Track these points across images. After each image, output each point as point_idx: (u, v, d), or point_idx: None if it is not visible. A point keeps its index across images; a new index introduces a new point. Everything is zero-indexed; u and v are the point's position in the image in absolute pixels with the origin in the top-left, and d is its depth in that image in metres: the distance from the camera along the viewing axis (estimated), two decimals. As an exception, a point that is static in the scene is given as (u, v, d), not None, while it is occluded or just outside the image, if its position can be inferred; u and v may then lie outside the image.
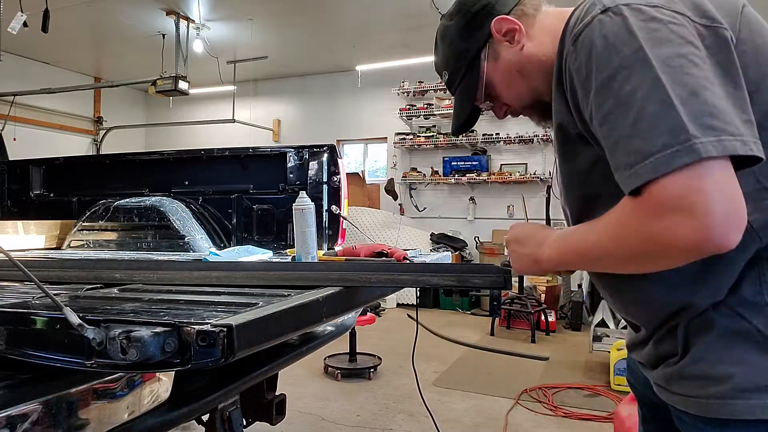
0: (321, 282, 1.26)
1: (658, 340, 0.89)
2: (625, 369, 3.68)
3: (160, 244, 2.75)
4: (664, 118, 0.67)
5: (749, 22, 0.79)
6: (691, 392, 0.82)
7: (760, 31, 0.80)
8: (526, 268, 0.96)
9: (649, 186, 0.67)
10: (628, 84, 0.71)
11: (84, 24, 7.10)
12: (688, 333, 0.83)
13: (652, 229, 0.68)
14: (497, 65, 1.00)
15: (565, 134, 0.89)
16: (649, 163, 0.67)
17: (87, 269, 1.56)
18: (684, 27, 0.73)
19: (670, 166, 0.66)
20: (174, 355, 0.79)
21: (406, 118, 8.32)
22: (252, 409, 2.09)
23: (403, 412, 3.39)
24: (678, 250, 0.68)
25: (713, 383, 0.79)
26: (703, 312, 0.81)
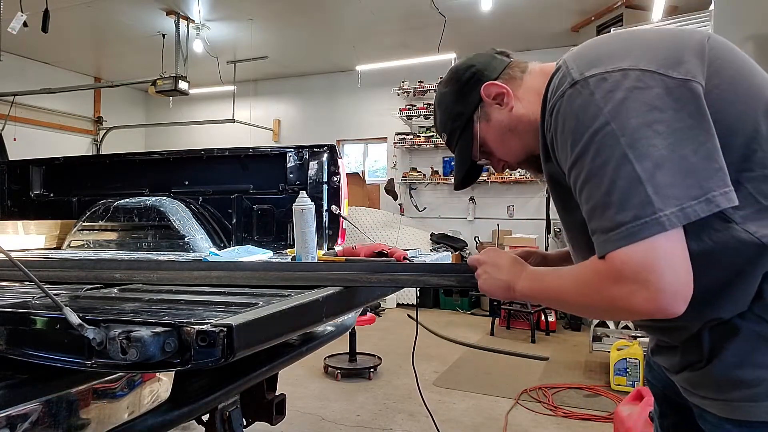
0: (321, 282, 1.25)
1: (683, 347, 0.91)
2: (624, 369, 3.70)
3: (160, 244, 2.75)
4: (633, 193, 0.75)
5: (716, 58, 0.83)
6: (719, 395, 0.84)
7: (728, 67, 0.83)
8: (497, 291, 1.03)
9: (613, 254, 0.76)
10: (599, 158, 0.78)
11: (84, 24, 7.10)
12: (713, 339, 0.84)
13: (612, 293, 0.78)
14: (489, 126, 1.08)
15: (561, 187, 0.94)
16: (621, 232, 0.76)
17: (87, 269, 1.56)
18: (649, 90, 0.78)
19: (638, 237, 0.74)
20: (174, 355, 0.79)
21: (406, 118, 8.32)
22: (252, 409, 2.09)
23: (403, 412, 3.39)
24: (631, 313, 0.78)
25: (743, 387, 0.81)
26: (728, 320, 0.83)
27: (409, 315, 6.43)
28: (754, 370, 0.80)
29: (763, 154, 0.79)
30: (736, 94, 0.81)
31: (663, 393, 1.10)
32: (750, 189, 0.79)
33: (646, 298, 0.75)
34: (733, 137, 0.79)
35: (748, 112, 0.81)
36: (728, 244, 0.79)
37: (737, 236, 0.79)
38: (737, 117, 0.80)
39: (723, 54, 0.84)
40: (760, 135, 0.80)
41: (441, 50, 7.09)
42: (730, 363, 0.82)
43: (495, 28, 7.01)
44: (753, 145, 0.80)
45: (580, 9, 6.34)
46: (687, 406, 0.93)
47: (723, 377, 0.83)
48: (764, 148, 0.80)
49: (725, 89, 0.81)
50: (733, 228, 0.79)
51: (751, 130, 0.80)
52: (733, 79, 0.82)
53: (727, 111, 0.80)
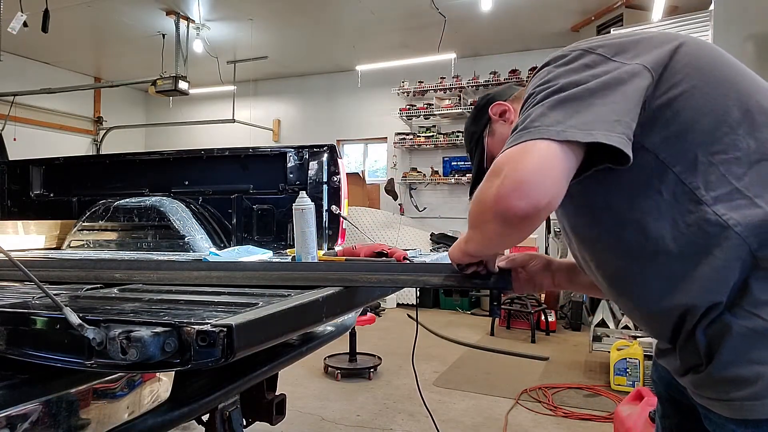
0: (321, 282, 1.25)
1: (681, 350, 0.91)
2: (624, 369, 3.70)
3: (160, 244, 2.75)
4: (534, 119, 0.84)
5: (686, 54, 0.90)
6: (722, 396, 0.84)
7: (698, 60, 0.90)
8: (455, 252, 1.10)
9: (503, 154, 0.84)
10: (534, 99, 0.89)
11: (84, 24, 7.10)
12: (708, 339, 0.85)
13: (481, 191, 0.86)
14: (495, 140, 1.22)
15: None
16: (509, 141, 0.85)
17: (87, 269, 1.56)
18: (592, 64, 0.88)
19: (516, 142, 0.83)
20: (174, 355, 0.79)
21: (406, 118, 8.32)
22: (252, 409, 2.09)
23: (403, 412, 3.39)
24: (487, 207, 0.84)
25: (743, 385, 0.80)
26: (719, 317, 0.83)
27: (409, 315, 6.43)
28: (751, 367, 0.80)
29: (735, 137, 0.84)
30: (704, 81, 0.87)
31: (667, 393, 1.11)
32: (722, 170, 0.83)
33: (497, 186, 0.81)
34: (700, 117, 0.86)
35: (717, 97, 0.86)
36: (699, 227, 0.83)
37: (707, 218, 0.83)
38: (705, 100, 0.86)
39: (695, 50, 0.91)
40: (732, 118, 0.85)
41: (441, 50, 7.09)
42: (727, 362, 0.82)
43: (495, 28, 7.01)
44: (723, 127, 0.85)
45: (580, 9, 6.35)
46: (691, 407, 0.93)
47: (722, 377, 0.83)
48: (737, 132, 0.84)
49: (693, 76, 0.88)
50: (703, 210, 0.83)
51: (721, 113, 0.85)
52: (701, 69, 0.89)
53: (694, 94, 0.87)
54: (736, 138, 0.84)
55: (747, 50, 3.81)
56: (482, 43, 7.68)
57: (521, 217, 0.80)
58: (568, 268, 1.24)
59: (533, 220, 0.82)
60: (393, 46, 7.64)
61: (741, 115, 0.85)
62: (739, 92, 0.87)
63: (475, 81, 7.80)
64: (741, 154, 0.84)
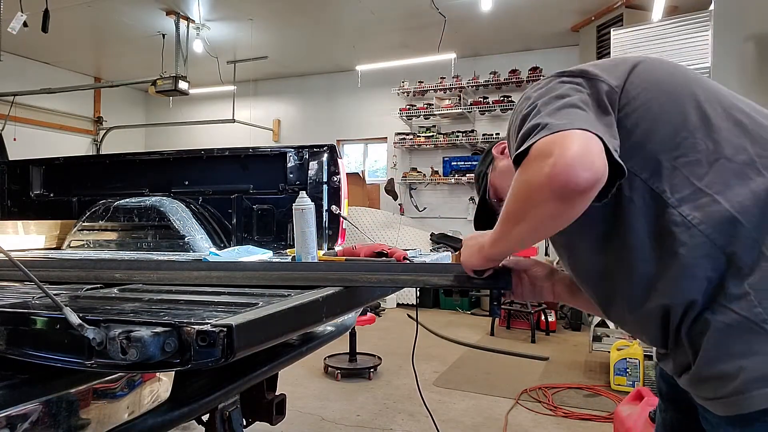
0: (321, 282, 1.25)
1: (673, 352, 0.94)
2: (624, 369, 3.70)
3: (160, 244, 2.75)
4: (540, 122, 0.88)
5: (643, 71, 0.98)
6: (712, 394, 0.85)
7: (653, 74, 0.98)
8: (472, 255, 1.11)
9: (531, 148, 0.85)
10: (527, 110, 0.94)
11: (84, 24, 7.10)
12: (691, 338, 0.87)
13: (529, 178, 0.85)
14: (497, 173, 1.31)
15: None
16: (535, 133, 0.86)
17: (87, 269, 1.56)
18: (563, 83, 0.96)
19: (543, 134, 0.84)
20: (174, 355, 0.79)
21: (406, 118, 8.32)
22: (252, 409, 2.09)
23: (403, 412, 3.39)
24: (543, 186, 0.82)
25: (728, 380, 0.82)
26: (699, 315, 0.86)
27: (409, 315, 6.43)
28: (733, 361, 0.81)
29: (694, 140, 0.89)
30: (660, 92, 0.94)
31: (668, 391, 1.13)
32: (685, 173, 0.88)
33: (552, 164, 0.81)
34: (659, 126, 0.92)
35: (675, 105, 0.93)
36: (667, 229, 0.87)
37: (674, 219, 0.87)
38: (662, 109, 0.93)
39: (650, 67, 0.99)
40: (690, 123, 0.91)
41: (441, 50, 7.09)
42: (710, 359, 0.84)
43: (495, 28, 7.01)
44: (683, 132, 0.90)
45: (580, 9, 6.34)
46: (691, 406, 0.95)
47: (709, 374, 0.84)
48: (695, 136, 0.90)
49: (650, 89, 0.95)
50: (670, 212, 0.87)
51: (680, 120, 0.91)
52: (657, 81, 0.96)
53: (652, 104, 0.93)
54: (695, 141, 0.89)
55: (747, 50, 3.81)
56: (482, 43, 7.68)
57: (584, 189, 0.80)
58: (571, 281, 1.24)
59: (593, 192, 0.82)
60: (393, 46, 7.64)
61: (699, 120, 0.91)
62: (697, 99, 0.93)
63: (475, 81, 7.80)
64: (701, 156, 0.88)
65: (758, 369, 0.79)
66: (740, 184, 0.85)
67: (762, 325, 0.80)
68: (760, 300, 0.81)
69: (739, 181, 0.85)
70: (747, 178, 0.85)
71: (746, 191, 0.84)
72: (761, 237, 0.83)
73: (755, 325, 0.80)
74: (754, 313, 0.80)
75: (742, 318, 0.81)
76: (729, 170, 0.86)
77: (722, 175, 0.86)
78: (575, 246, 1.05)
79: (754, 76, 3.81)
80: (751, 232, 0.83)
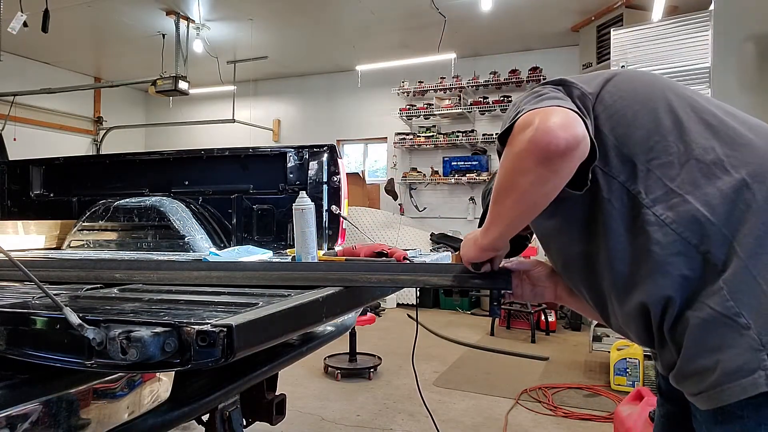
0: (321, 282, 1.25)
1: (659, 352, 0.95)
2: (624, 369, 3.70)
3: (160, 244, 2.75)
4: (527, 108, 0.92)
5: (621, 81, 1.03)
6: (695, 389, 0.87)
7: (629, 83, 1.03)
8: (469, 248, 1.13)
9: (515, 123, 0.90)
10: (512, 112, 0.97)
11: (84, 24, 7.10)
12: (674, 337, 0.89)
13: (514, 148, 0.90)
14: None
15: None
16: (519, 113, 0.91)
17: (87, 269, 1.56)
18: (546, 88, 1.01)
19: (524, 111, 0.90)
20: (174, 355, 0.79)
21: (406, 118, 8.32)
22: (252, 409, 2.09)
23: (403, 412, 3.39)
24: (526, 152, 0.87)
25: (707, 374, 0.84)
26: (681, 313, 0.88)
27: (409, 315, 6.43)
28: (711, 355, 0.83)
29: (666, 143, 0.93)
30: (634, 100, 0.99)
31: (666, 387, 1.14)
32: (659, 174, 0.92)
33: (532, 130, 0.86)
34: (633, 131, 0.96)
35: (647, 111, 0.97)
36: (643, 228, 0.91)
37: (648, 219, 0.90)
38: (635, 115, 0.97)
39: (626, 77, 1.05)
40: (663, 127, 0.95)
41: (441, 50, 7.09)
42: (690, 355, 0.86)
43: (495, 28, 7.01)
44: (655, 136, 0.94)
45: (580, 9, 6.34)
46: (686, 404, 0.96)
47: (690, 370, 0.86)
48: (668, 139, 0.93)
49: (625, 97, 1.00)
50: (644, 212, 0.91)
51: (653, 125, 0.95)
52: (632, 90, 1.01)
53: (627, 111, 0.98)
54: (667, 144, 0.93)
55: (747, 50, 3.81)
56: (482, 43, 7.68)
57: (564, 150, 0.84)
58: None
59: (574, 155, 0.86)
60: (393, 46, 7.64)
61: (671, 123, 0.95)
62: (670, 104, 0.97)
63: (475, 81, 7.80)
64: (673, 158, 0.92)
65: (733, 362, 0.81)
66: (709, 184, 0.88)
67: (735, 318, 0.82)
68: (732, 294, 0.82)
69: (707, 181, 0.88)
70: (715, 177, 0.88)
71: (714, 190, 0.87)
72: (731, 233, 0.85)
73: (728, 319, 0.82)
74: (726, 307, 0.82)
75: (716, 313, 0.83)
76: (698, 170, 0.90)
77: (692, 175, 0.90)
78: (561, 249, 1.09)
79: (754, 76, 3.81)
80: (721, 228, 0.85)
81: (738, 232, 0.85)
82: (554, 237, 1.09)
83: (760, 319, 0.81)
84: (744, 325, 0.81)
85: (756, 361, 0.79)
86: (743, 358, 0.80)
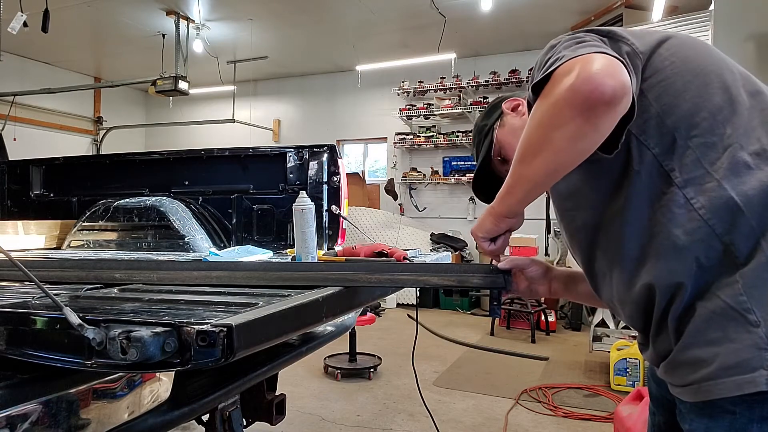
0: (321, 282, 1.25)
1: (654, 340, 0.93)
2: (624, 369, 3.70)
3: (160, 244, 2.75)
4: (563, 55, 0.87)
5: (673, 45, 0.94)
6: (683, 380, 0.85)
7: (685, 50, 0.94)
8: (481, 222, 1.07)
9: (554, 72, 0.85)
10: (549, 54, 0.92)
11: (84, 24, 7.10)
12: (678, 325, 0.87)
13: (549, 98, 0.84)
14: (505, 130, 1.28)
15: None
16: (557, 60, 0.86)
17: (87, 269, 1.56)
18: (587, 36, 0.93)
19: (565, 58, 0.84)
20: (174, 355, 0.79)
21: (406, 118, 8.32)
22: (252, 409, 2.09)
23: (403, 412, 3.39)
24: (565, 101, 0.81)
25: (702, 366, 0.82)
26: (691, 303, 0.85)
27: (409, 315, 6.43)
28: (709, 348, 0.81)
29: (713, 122, 0.87)
30: (687, 69, 0.91)
31: (656, 390, 1.13)
32: (698, 154, 0.86)
33: (574, 76, 0.81)
34: (681, 102, 0.89)
35: (699, 85, 0.90)
36: (668, 208, 0.86)
37: (676, 200, 0.86)
38: (686, 84, 0.90)
39: (681, 42, 0.96)
40: (712, 105, 0.88)
41: (441, 50, 7.09)
42: (688, 344, 0.84)
43: (495, 28, 7.01)
44: (703, 113, 0.87)
45: (580, 9, 6.34)
46: (673, 402, 0.95)
47: (684, 359, 0.85)
48: (716, 118, 0.87)
49: (677, 64, 0.92)
50: (673, 191, 0.86)
51: (702, 99, 0.88)
52: (686, 58, 0.92)
53: (677, 79, 0.91)
54: (714, 123, 0.87)
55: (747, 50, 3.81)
56: (482, 43, 7.68)
57: (609, 99, 0.79)
58: (566, 276, 1.27)
59: (618, 106, 0.80)
60: (393, 46, 7.64)
61: (722, 102, 0.88)
62: (723, 82, 0.90)
63: (475, 81, 7.80)
64: (717, 139, 0.86)
65: (733, 357, 0.79)
66: (749, 173, 0.83)
67: (744, 314, 0.80)
68: (747, 289, 0.80)
69: (748, 170, 0.84)
70: (757, 169, 0.84)
71: (754, 181, 0.83)
72: (760, 228, 0.82)
73: (737, 313, 0.80)
74: (738, 302, 0.80)
75: (726, 305, 0.81)
76: (740, 158, 0.84)
77: (733, 162, 0.84)
78: (575, 216, 1.03)
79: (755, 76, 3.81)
80: (751, 222, 0.82)
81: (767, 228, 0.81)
82: (571, 199, 1.03)
83: None
84: (753, 322, 0.79)
85: (759, 360, 0.78)
86: (745, 354, 0.79)
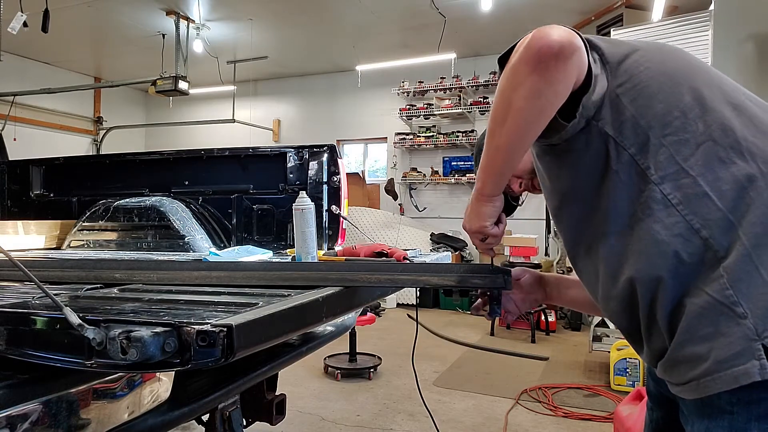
0: (321, 282, 1.25)
1: (647, 340, 0.94)
2: (624, 369, 3.70)
3: (160, 244, 2.75)
4: None
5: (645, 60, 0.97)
6: (683, 377, 0.86)
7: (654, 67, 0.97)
8: (469, 213, 1.08)
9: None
10: None
11: (84, 24, 7.10)
12: (670, 323, 0.88)
13: (509, 65, 0.90)
14: None
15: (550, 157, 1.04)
16: None
17: (87, 269, 1.56)
18: None
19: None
20: (174, 355, 0.79)
21: (406, 118, 8.32)
22: (252, 409, 2.09)
23: (403, 412, 3.39)
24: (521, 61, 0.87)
25: (699, 362, 0.83)
26: (680, 300, 0.86)
27: (409, 315, 6.43)
28: (704, 343, 0.82)
29: (685, 120, 0.90)
30: (661, 72, 0.95)
31: (655, 388, 1.14)
32: (672, 151, 0.89)
33: (528, 39, 0.87)
34: (654, 103, 0.92)
35: (672, 86, 0.93)
36: (647, 204, 0.89)
37: (654, 196, 0.88)
38: (660, 86, 0.93)
39: (658, 47, 1.00)
40: (684, 104, 0.91)
41: (441, 50, 7.09)
42: (683, 341, 0.85)
43: (495, 28, 7.01)
44: (675, 112, 0.91)
45: (580, 9, 6.34)
46: (675, 403, 0.96)
47: (681, 357, 0.85)
48: (687, 116, 0.90)
49: (652, 68, 0.95)
50: (651, 188, 0.89)
51: (674, 99, 0.92)
52: (662, 62, 0.96)
53: (651, 83, 0.94)
54: (686, 121, 0.90)
55: (747, 50, 3.81)
56: (482, 43, 7.68)
57: (557, 51, 0.84)
58: (557, 281, 1.30)
59: (567, 60, 0.85)
60: (393, 46, 7.64)
61: (693, 101, 0.91)
62: (695, 82, 0.93)
63: (475, 81, 7.80)
64: (689, 136, 0.89)
65: (726, 350, 0.80)
66: (722, 167, 0.86)
67: (732, 307, 0.81)
68: (732, 282, 0.81)
69: (721, 164, 0.86)
70: (730, 162, 0.86)
71: (727, 175, 0.85)
72: (737, 220, 0.83)
73: (725, 307, 0.81)
74: (725, 296, 0.81)
75: (713, 300, 0.82)
76: (714, 153, 0.87)
77: (707, 157, 0.87)
78: (564, 220, 1.07)
79: (754, 76, 3.81)
80: (728, 215, 0.84)
81: (744, 220, 0.83)
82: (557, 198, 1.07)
83: (757, 310, 0.80)
84: (741, 315, 0.80)
85: (750, 351, 0.79)
86: (737, 347, 0.79)
